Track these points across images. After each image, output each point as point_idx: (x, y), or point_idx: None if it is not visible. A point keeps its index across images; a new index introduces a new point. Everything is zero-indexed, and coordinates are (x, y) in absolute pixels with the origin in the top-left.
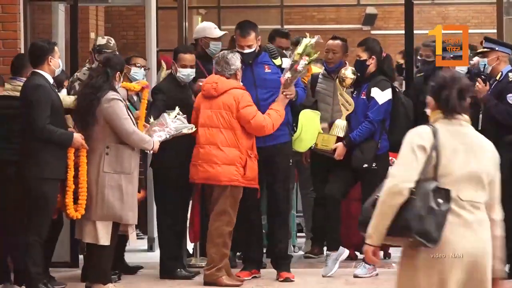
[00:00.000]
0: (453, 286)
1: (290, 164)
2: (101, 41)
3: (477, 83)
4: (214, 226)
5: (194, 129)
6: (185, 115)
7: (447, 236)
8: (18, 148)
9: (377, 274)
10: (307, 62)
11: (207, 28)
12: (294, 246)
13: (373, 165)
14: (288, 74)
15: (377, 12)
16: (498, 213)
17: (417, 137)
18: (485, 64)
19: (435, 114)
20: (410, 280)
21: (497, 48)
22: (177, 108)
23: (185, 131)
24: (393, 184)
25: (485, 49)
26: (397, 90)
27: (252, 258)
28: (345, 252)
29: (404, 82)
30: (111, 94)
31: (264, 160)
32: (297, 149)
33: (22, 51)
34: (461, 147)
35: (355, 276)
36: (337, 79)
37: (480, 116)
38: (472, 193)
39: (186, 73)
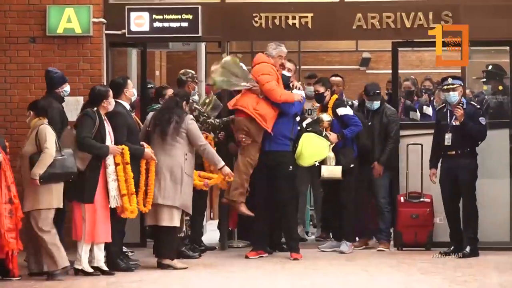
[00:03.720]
0: None
1: (290, 169)
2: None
3: (458, 110)
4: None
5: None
6: None
7: None
8: None
9: (353, 250)
10: None
11: None
12: (307, 232)
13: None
14: None
15: (371, 56)
16: None
17: None
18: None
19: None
20: None
21: (461, 84)
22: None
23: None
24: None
25: (456, 85)
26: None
27: (259, 241)
28: (348, 249)
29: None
30: (191, 116)
31: (269, 163)
32: (301, 163)
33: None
34: None
35: (341, 252)
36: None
37: (450, 134)
38: None
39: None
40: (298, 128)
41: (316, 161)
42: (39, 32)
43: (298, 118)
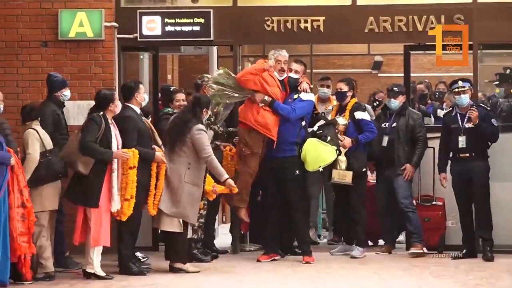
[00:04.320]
0: None
1: (297, 173)
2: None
3: (473, 112)
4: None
5: None
6: None
7: None
8: None
9: (365, 255)
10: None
11: None
12: (319, 236)
13: (363, 170)
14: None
15: (383, 59)
16: None
17: None
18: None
19: None
20: None
21: (470, 86)
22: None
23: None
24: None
25: (466, 88)
26: None
27: (271, 244)
28: (359, 254)
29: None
30: (200, 126)
31: (275, 169)
32: (307, 168)
33: (117, 89)
34: None
35: (352, 257)
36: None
37: (464, 137)
38: None
39: None
40: (310, 130)
41: (320, 167)
42: (51, 36)
43: (304, 123)
